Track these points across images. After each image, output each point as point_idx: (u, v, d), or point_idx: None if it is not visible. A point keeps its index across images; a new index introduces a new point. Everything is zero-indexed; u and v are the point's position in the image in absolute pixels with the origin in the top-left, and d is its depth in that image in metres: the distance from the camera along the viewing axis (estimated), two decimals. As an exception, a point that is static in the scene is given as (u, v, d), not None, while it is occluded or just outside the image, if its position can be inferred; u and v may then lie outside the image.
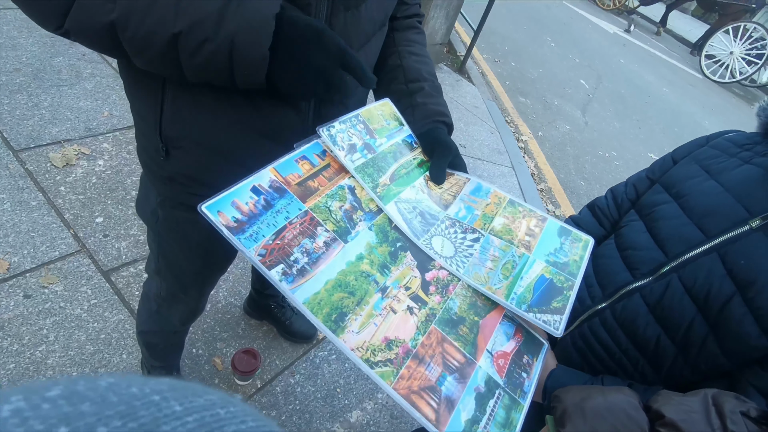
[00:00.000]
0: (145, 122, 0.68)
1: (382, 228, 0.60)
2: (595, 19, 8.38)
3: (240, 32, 0.48)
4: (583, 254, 0.67)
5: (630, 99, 5.33)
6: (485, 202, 0.73)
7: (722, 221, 0.63)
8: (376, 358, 0.48)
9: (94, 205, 1.71)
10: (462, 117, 3.35)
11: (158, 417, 0.15)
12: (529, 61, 5.06)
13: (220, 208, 0.50)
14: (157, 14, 0.47)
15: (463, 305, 0.58)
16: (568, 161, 3.59)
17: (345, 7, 0.59)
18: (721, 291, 0.61)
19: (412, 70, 0.77)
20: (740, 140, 0.70)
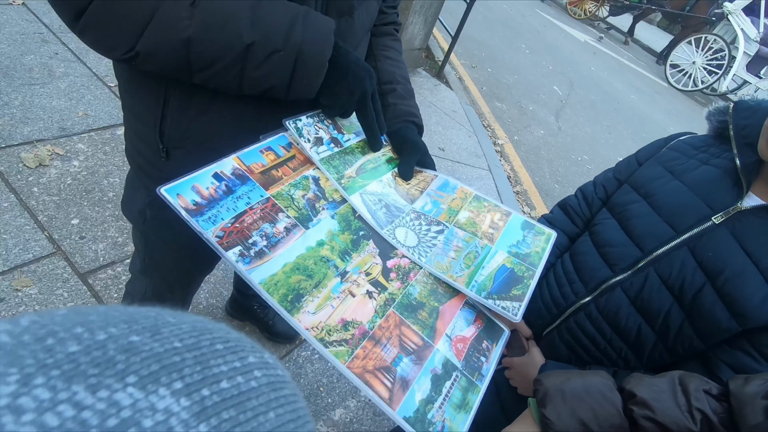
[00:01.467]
0: (143, 123, 0.68)
1: (345, 217, 0.61)
2: (567, 28, 8.67)
3: (307, 43, 0.53)
4: (545, 246, 0.69)
5: (600, 105, 5.54)
6: (451, 197, 0.74)
7: (689, 218, 0.69)
8: (330, 338, 0.48)
9: (69, 206, 1.67)
10: (441, 121, 3.42)
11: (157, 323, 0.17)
12: (505, 67, 5.20)
13: (180, 191, 0.50)
14: (233, 27, 0.50)
15: (424, 291, 0.59)
16: (542, 165, 3.70)
17: (338, 14, 0.62)
18: (694, 281, 0.66)
19: (387, 72, 0.80)
20: (695, 143, 0.76)
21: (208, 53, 0.50)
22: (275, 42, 0.51)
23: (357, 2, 0.64)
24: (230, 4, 0.50)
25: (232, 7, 0.50)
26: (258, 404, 0.17)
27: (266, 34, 0.51)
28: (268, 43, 0.51)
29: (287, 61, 0.53)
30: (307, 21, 0.53)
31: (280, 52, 0.52)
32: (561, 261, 0.89)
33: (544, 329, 0.87)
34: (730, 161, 0.68)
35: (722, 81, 7.82)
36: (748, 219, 0.64)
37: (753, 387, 0.53)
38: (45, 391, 0.13)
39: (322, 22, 0.54)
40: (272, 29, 0.51)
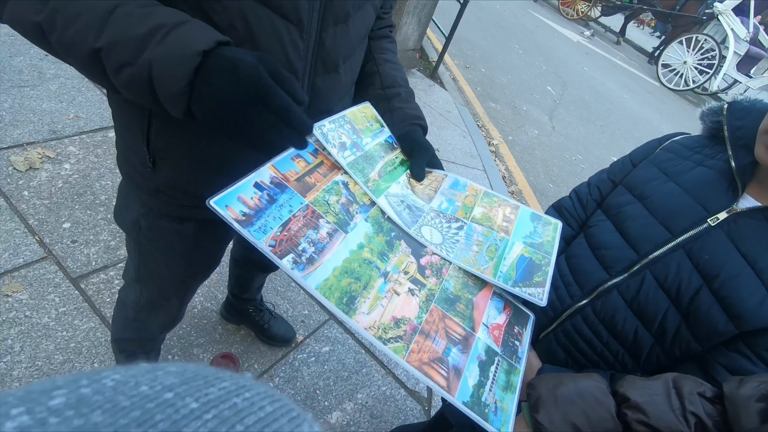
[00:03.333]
0: (131, 133, 0.67)
1: (376, 219, 0.65)
2: (560, 28, 8.71)
3: (159, 61, 0.45)
4: (554, 235, 0.75)
5: (593, 105, 5.57)
6: (464, 195, 0.79)
7: (684, 220, 0.69)
8: (387, 335, 0.52)
9: (60, 210, 1.65)
10: (435, 121, 3.42)
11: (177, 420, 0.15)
12: (499, 68, 5.21)
13: (228, 203, 0.52)
14: (81, 26, 0.45)
15: (458, 285, 0.64)
16: (537, 164, 3.71)
17: (334, 21, 0.61)
18: (690, 284, 0.66)
19: (388, 76, 0.81)
20: (689, 143, 0.76)
21: (60, 45, 0.47)
22: (124, 55, 0.45)
23: (353, 10, 0.64)
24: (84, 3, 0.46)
25: (85, 6, 0.45)
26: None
27: (113, 43, 0.45)
28: (116, 54, 0.45)
29: (141, 78, 0.46)
30: (167, 37, 0.45)
31: (132, 67, 0.45)
32: (557, 264, 0.89)
33: (540, 333, 0.86)
34: (725, 162, 0.68)
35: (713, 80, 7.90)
36: (744, 221, 0.64)
37: (747, 390, 0.53)
38: None
39: (187, 40, 0.45)
40: (122, 39, 0.45)
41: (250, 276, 1.37)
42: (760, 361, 0.61)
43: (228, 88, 0.46)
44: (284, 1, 0.55)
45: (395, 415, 1.59)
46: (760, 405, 0.50)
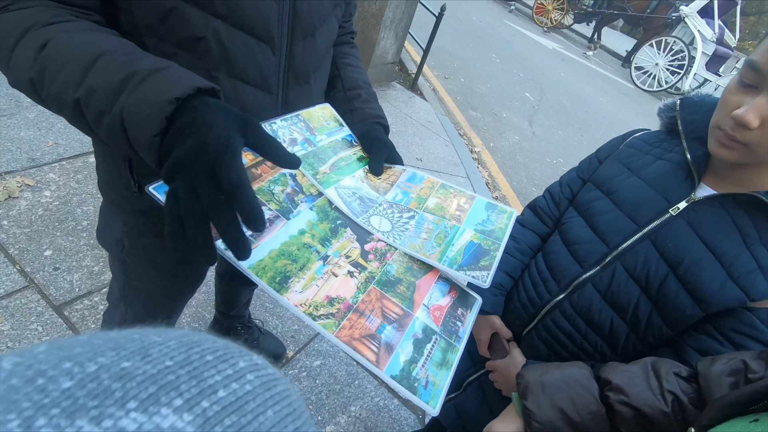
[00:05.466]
0: (112, 159, 0.68)
1: (322, 208, 0.64)
2: (535, 37, 8.94)
3: (129, 109, 0.43)
4: (507, 223, 0.75)
5: (571, 109, 5.70)
6: (420, 187, 0.79)
7: (648, 212, 0.72)
8: (318, 312, 0.52)
9: (41, 237, 1.63)
10: (417, 132, 3.47)
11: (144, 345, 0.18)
12: (477, 77, 5.32)
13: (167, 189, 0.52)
14: (64, 78, 0.45)
15: (400, 269, 0.64)
16: (519, 169, 3.78)
17: (302, 36, 0.64)
18: (658, 272, 0.69)
19: (349, 79, 0.83)
20: (650, 139, 0.80)
21: (49, 99, 0.48)
22: (100, 103, 0.44)
23: (319, 23, 0.66)
24: (72, 54, 0.45)
25: (72, 57, 0.45)
26: (256, 406, 0.18)
27: (90, 92, 0.44)
28: (93, 103, 0.44)
29: (114, 126, 0.44)
30: (142, 83, 0.43)
31: (107, 114, 0.44)
32: (535, 261, 0.91)
33: (523, 329, 0.88)
34: (682, 155, 0.72)
35: (685, 80, 8.16)
36: (702, 209, 0.67)
37: (718, 366, 0.55)
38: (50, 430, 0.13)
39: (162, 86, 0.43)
40: (98, 87, 0.44)
41: (236, 291, 1.37)
42: (726, 341, 0.63)
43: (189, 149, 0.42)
44: (255, 22, 0.57)
45: (390, 425, 1.58)
46: (730, 379, 0.53)
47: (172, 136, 0.43)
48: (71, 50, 0.46)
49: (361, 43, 3.40)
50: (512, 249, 0.95)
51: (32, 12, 0.48)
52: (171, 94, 0.43)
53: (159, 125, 0.42)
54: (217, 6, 0.54)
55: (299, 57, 0.66)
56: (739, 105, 0.58)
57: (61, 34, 0.47)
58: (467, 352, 1.00)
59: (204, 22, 0.55)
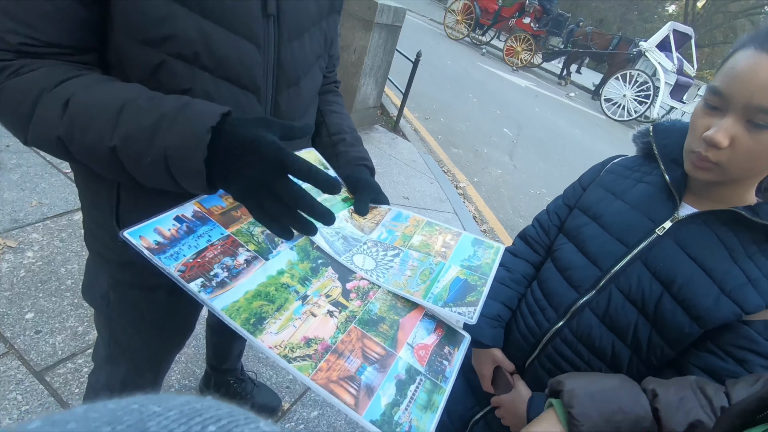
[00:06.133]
0: (99, 210, 0.68)
1: (303, 248, 0.63)
2: (508, 76, 9.39)
3: (172, 147, 0.48)
4: (494, 258, 0.72)
5: (549, 142, 5.91)
6: (405, 225, 0.78)
7: (636, 233, 0.74)
8: (294, 354, 0.49)
9: (23, 300, 1.58)
10: (402, 171, 3.54)
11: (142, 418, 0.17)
12: (456, 117, 5.51)
13: (142, 233, 0.51)
14: (96, 130, 0.48)
15: (383, 307, 0.61)
16: (504, 202, 3.84)
17: (287, 85, 0.66)
18: (652, 292, 0.69)
19: (334, 125, 0.85)
20: (628, 164, 0.83)
21: (81, 152, 0.50)
22: (138, 146, 0.48)
23: (303, 74, 0.69)
24: (98, 106, 0.49)
25: (99, 109, 0.49)
26: None
27: (127, 138, 0.48)
28: (131, 148, 0.49)
29: (159, 165, 0.49)
30: (174, 123, 0.48)
31: (148, 156, 0.48)
32: (530, 290, 0.91)
33: (525, 361, 0.87)
34: (661, 177, 0.74)
35: (652, 109, 8.59)
36: (687, 227, 0.69)
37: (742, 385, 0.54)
38: None
39: (194, 121, 0.48)
40: (134, 134, 0.48)
41: (228, 342, 1.32)
42: (728, 356, 0.63)
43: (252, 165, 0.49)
44: (241, 73, 0.60)
45: (395, 476, 1.50)
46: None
47: (223, 159, 0.49)
48: (95, 103, 0.49)
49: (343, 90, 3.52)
50: (507, 279, 0.95)
51: (43, 72, 0.50)
52: (206, 124, 0.48)
53: (203, 154, 0.48)
54: (204, 59, 0.56)
55: (284, 105, 0.68)
56: (708, 127, 0.61)
57: (79, 89, 0.50)
58: (471, 389, 0.97)
59: (191, 75, 0.57)
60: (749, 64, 0.56)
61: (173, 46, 0.54)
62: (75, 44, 0.52)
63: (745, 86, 0.56)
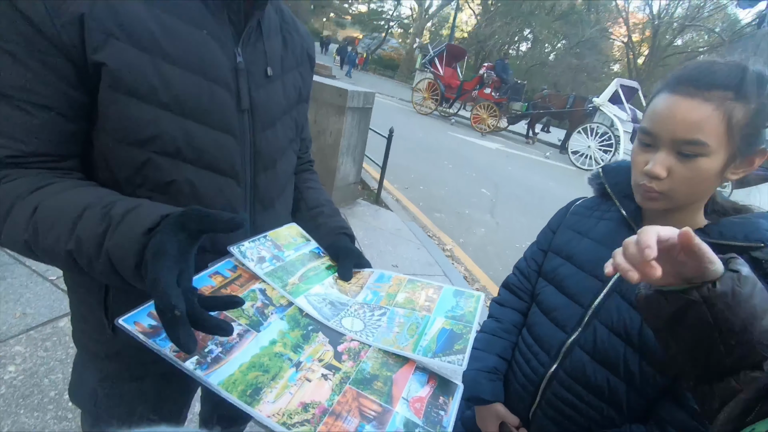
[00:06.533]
0: (87, 305, 0.69)
1: (293, 317, 0.64)
2: (478, 141, 9.95)
3: (112, 249, 0.49)
4: (476, 305, 0.75)
5: (526, 197, 6.13)
6: (388, 285, 0.81)
7: None
8: (292, 420, 0.50)
9: (2, 419, 1.49)
10: (389, 241, 3.59)
11: None
12: (435, 183, 5.74)
13: (136, 319, 0.52)
14: (55, 235, 0.51)
15: (376, 365, 0.62)
16: (492, 259, 3.89)
17: (264, 168, 0.72)
18: (633, 321, 0.72)
19: (312, 199, 0.91)
20: (589, 204, 0.89)
21: (43, 255, 0.53)
22: (89, 249, 0.50)
23: (278, 156, 0.76)
24: (60, 212, 0.52)
25: (60, 215, 0.52)
26: None
27: (79, 242, 0.50)
28: (84, 251, 0.50)
29: (106, 267, 0.50)
30: (120, 225, 0.49)
31: (98, 259, 0.50)
32: (521, 337, 0.92)
33: (528, 411, 0.85)
34: (619, 212, 0.80)
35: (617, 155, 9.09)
36: (652, 255, 0.73)
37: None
38: None
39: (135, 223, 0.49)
40: (86, 237, 0.50)
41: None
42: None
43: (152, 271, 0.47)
44: (221, 162, 0.65)
45: None
46: None
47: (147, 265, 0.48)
48: (59, 209, 0.52)
49: (323, 170, 3.69)
50: (498, 330, 0.96)
51: (21, 182, 0.54)
52: (142, 227, 0.48)
53: (135, 259, 0.48)
54: (186, 153, 0.62)
55: (263, 187, 0.73)
56: (646, 162, 0.68)
57: (48, 197, 0.53)
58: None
59: (175, 168, 0.61)
60: (667, 105, 0.65)
61: (158, 145, 0.59)
62: (59, 153, 0.57)
63: (667, 124, 0.65)
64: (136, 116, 0.56)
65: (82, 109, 0.56)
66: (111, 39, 0.53)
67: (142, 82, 0.55)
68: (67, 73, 0.53)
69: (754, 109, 0.62)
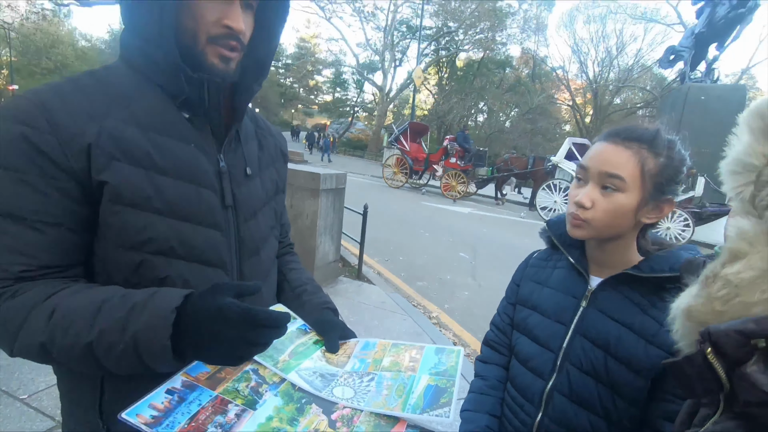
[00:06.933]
0: (80, 407, 0.71)
1: (286, 392, 0.68)
2: (451, 207, 10.31)
3: (141, 331, 0.54)
4: (457, 360, 0.80)
5: (504, 256, 6.28)
6: (374, 351, 0.85)
7: (568, 312, 0.86)
8: None
9: None
10: (374, 315, 3.58)
11: None
12: (414, 253, 5.84)
13: (138, 411, 0.55)
14: (75, 330, 0.55)
15: (369, 428, 0.65)
16: (479, 321, 3.89)
17: (248, 255, 0.79)
18: (597, 359, 0.79)
19: (295, 279, 0.97)
20: (543, 255, 0.99)
21: (60, 353, 0.57)
22: (111, 338, 0.55)
23: (261, 243, 0.84)
24: (78, 310, 0.57)
25: (79, 313, 0.56)
26: None
27: (102, 333, 0.55)
28: (105, 340, 0.55)
29: (129, 351, 0.55)
30: (144, 309, 0.56)
31: (120, 345, 0.55)
32: (507, 391, 0.96)
33: (522, 466, 0.87)
34: (567, 260, 0.90)
35: (583, 208, 9.56)
36: (600, 294, 0.82)
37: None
38: None
39: (160, 304, 0.56)
40: (108, 327, 0.55)
41: None
42: (676, 398, 0.70)
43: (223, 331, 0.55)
44: (209, 254, 0.72)
45: None
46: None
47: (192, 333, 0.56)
48: (76, 308, 0.58)
49: (302, 251, 3.75)
50: (484, 388, 0.99)
51: (34, 292, 0.59)
52: (171, 305, 0.55)
53: (168, 331, 0.54)
54: (178, 251, 0.69)
55: (248, 273, 0.80)
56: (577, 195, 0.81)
57: (63, 300, 0.59)
58: None
59: (168, 265, 0.68)
60: (598, 148, 0.81)
61: (152, 246, 0.66)
62: (66, 263, 0.63)
63: (595, 161, 0.79)
64: (133, 223, 0.64)
65: (87, 222, 0.64)
66: (113, 161, 0.63)
67: (139, 193, 0.64)
68: (75, 193, 0.62)
69: (663, 162, 0.77)
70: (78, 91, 0.64)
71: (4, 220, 0.59)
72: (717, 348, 0.38)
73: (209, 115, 0.73)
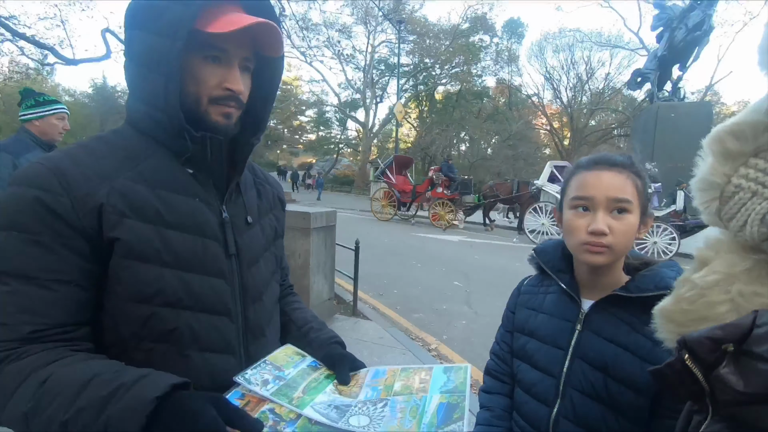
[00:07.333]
0: None
1: (304, 427, 0.69)
2: (441, 236, 10.38)
3: (114, 417, 0.51)
4: (465, 376, 0.82)
5: (497, 281, 6.29)
6: (384, 378, 0.87)
7: (564, 336, 0.88)
8: None
9: None
10: (373, 351, 3.53)
11: None
12: (407, 285, 5.83)
13: None
14: (58, 403, 0.54)
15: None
16: (479, 350, 3.85)
17: (252, 301, 0.81)
18: (598, 381, 0.81)
19: (300, 318, 0.99)
20: (534, 282, 1.03)
21: (38, 426, 0.54)
22: (85, 417, 0.52)
23: (263, 288, 0.86)
24: (68, 381, 0.55)
25: (67, 384, 0.55)
26: None
27: (79, 411, 0.53)
28: (80, 419, 0.53)
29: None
30: (128, 392, 0.53)
31: (92, 426, 0.52)
32: (514, 421, 0.97)
33: (534, 495, 0.87)
34: (558, 285, 0.94)
35: (570, 228, 9.72)
36: (593, 317, 0.85)
37: None
38: None
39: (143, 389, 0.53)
40: (88, 404, 0.53)
41: None
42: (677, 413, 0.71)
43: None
44: (215, 303, 0.74)
45: None
46: None
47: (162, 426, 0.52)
48: (67, 379, 0.56)
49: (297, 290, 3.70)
50: (491, 419, 1.00)
51: (40, 356, 0.59)
52: (152, 394, 0.52)
53: (141, 422, 0.51)
54: (186, 301, 0.71)
55: (252, 318, 0.82)
56: (588, 224, 0.82)
57: (59, 369, 0.58)
58: None
59: (176, 316, 0.70)
60: (594, 176, 0.84)
61: (161, 298, 0.68)
62: (75, 321, 0.64)
63: (599, 189, 0.82)
64: (143, 276, 0.67)
65: (96, 279, 0.66)
66: (124, 218, 0.66)
67: (148, 247, 0.67)
68: (85, 251, 0.64)
69: (643, 183, 0.84)
70: (89, 154, 0.68)
71: (16, 281, 0.60)
72: (693, 354, 0.41)
73: (212, 169, 0.77)
